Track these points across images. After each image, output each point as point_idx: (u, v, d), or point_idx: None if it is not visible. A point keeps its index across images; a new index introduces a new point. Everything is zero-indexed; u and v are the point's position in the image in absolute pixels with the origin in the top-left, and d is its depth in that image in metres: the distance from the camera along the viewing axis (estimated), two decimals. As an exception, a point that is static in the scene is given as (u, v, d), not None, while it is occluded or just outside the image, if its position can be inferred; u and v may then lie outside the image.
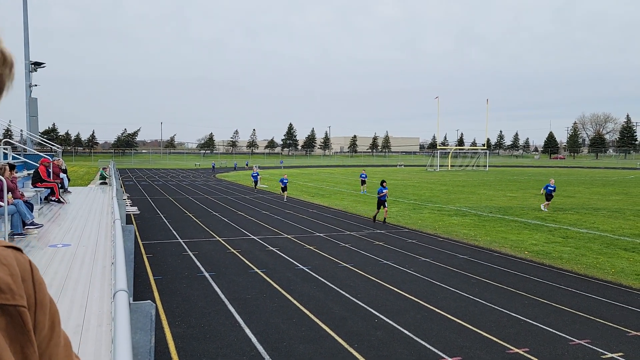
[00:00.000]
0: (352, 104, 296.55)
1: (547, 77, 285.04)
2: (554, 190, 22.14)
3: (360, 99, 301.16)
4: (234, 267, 11.37)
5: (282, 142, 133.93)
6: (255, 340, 6.97)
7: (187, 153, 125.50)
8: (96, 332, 3.90)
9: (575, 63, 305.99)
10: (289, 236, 15.59)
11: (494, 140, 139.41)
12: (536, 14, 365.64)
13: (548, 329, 7.64)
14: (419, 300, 8.97)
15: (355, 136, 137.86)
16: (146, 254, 12.60)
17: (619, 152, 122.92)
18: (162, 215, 20.25)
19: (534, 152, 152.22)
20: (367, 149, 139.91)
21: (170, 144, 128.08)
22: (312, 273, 10.86)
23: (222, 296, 9.05)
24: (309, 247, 13.88)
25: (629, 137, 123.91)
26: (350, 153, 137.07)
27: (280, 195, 28.73)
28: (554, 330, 7.56)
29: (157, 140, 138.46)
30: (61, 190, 14.08)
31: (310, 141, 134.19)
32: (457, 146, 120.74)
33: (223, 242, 14.39)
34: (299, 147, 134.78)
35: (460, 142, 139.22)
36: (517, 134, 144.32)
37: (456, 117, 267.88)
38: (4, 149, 15.53)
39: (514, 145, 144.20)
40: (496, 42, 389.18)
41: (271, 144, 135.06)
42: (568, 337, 7.31)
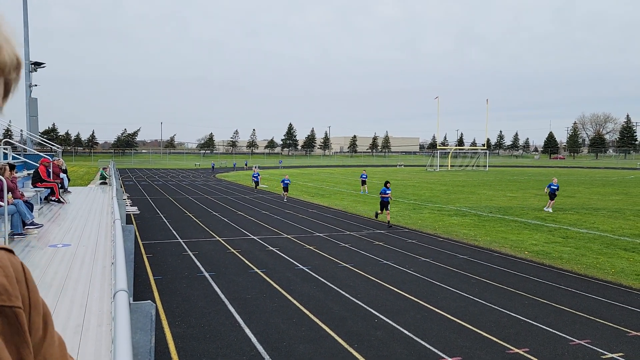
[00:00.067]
0: (352, 104, 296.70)
1: (547, 77, 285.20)
2: (557, 189, 22.19)
3: (360, 99, 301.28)
4: (234, 267, 11.37)
5: (282, 142, 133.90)
6: (255, 340, 6.97)
7: (187, 153, 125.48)
8: (96, 332, 3.89)
9: (575, 63, 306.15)
10: (289, 236, 15.59)
11: (494, 140, 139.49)
12: (536, 14, 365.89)
13: (548, 329, 7.64)
14: (418, 300, 8.97)
15: (355, 136, 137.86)
16: (146, 254, 12.60)
17: (619, 152, 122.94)
18: (162, 215, 20.26)
19: (534, 152, 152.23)
20: (367, 149, 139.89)
21: (170, 144, 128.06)
22: (312, 273, 10.86)
23: (222, 296, 9.05)
24: (309, 247, 13.88)
25: (629, 137, 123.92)
26: (350, 153, 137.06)
27: (281, 195, 28.74)
28: (554, 331, 7.56)
29: (157, 140, 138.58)
30: (61, 190, 14.08)
31: (310, 141, 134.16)
32: (457, 146, 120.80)
33: (223, 242, 14.40)
34: (299, 147, 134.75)
35: (460, 142, 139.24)
36: (517, 134, 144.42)
37: (456, 117, 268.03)
38: (4, 149, 15.53)
39: (514, 145, 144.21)
40: (496, 42, 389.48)
41: (271, 144, 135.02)
42: (568, 337, 7.31)
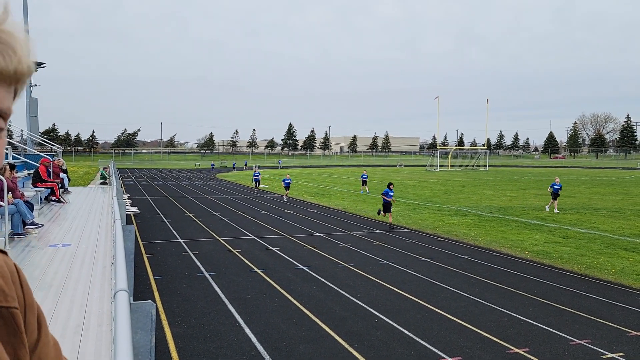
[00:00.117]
0: (352, 104, 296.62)
1: (547, 77, 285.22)
2: (560, 188, 22.22)
3: (360, 99, 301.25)
4: (234, 267, 11.37)
5: (282, 142, 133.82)
6: (255, 340, 6.97)
7: (187, 153, 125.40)
8: (97, 332, 3.89)
9: (575, 63, 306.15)
10: (289, 236, 15.59)
11: (494, 140, 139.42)
12: (536, 14, 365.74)
13: (548, 329, 7.64)
14: (419, 300, 8.97)
15: (355, 136, 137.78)
16: (146, 253, 12.60)
17: (619, 152, 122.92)
18: (162, 215, 20.25)
19: (534, 152, 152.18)
20: (367, 149, 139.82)
21: (170, 144, 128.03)
22: (312, 273, 10.86)
23: (222, 296, 9.05)
24: (309, 247, 13.88)
25: (629, 137, 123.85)
26: (350, 153, 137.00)
27: (282, 196, 28.72)
28: (554, 330, 7.56)
29: (157, 140, 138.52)
30: (61, 190, 14.08)
31: (310, 141, 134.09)
32: (457, 146, 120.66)
33: (223, 242, 14.39)
34: (299, 147, 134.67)
35: (460, 142, 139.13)
36: (517, 134, 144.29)
37: (456, 117, 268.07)
38: (5, 149, 15.49)
39: (514, 145, 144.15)
40: (496, 42, 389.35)
41: (271, 144, 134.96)
42: (568, 337, 7.31)
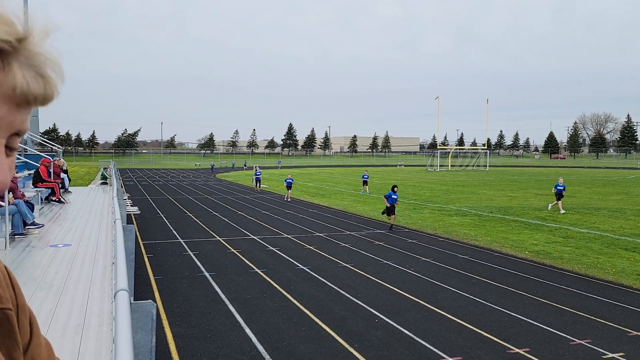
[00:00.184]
0: (352, 104, 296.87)
1: (547, 77, 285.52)
2: (563, 189, 22.22)
3: (360, 99, 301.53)
4: (234, 267, 11.37)
5: (282, 142, 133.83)
6: (256, 340, 6.97)
7: (187, 153, 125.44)
8: (97, 332, 3.89)
9: (575, 63, 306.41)
10: (289, 236, 15.59)
11: (494, 140, 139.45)
12: (536, 14, 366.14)
13: (549, 329, 7.64)
14: (419, 300, 8.97)
15: (355, 136, 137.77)
16: (147, 253, 12.60)
17: (620, 151, 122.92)
18: (162, 215, 20.26)
19: (535, 152, 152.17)
20: (367, 149, 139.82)
21: (171, 144, 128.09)
22: (312, 273, 10.86)
23: (223, 296, 9.05)
24: (309, 247, 13.88)
25: (629, 137, 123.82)
26: (350, 153, 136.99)
27: (284, 196, 28.68)
28: (554, 330, 7.56)
29: (157, 140, 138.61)
30: (62, 190, 14.08)
31: (310, 141, 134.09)
32: (457, 146, 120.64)
33: (223, 242, 14.40)
34: (299, 147, 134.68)
35: (461, 142, 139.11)
36: (517, 133, 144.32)
37: (456, 117, 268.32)
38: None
39: (514, 145, 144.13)
40: (496, 42, 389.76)
41: (271, 144, 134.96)
42: (569, 337, 7.31)
